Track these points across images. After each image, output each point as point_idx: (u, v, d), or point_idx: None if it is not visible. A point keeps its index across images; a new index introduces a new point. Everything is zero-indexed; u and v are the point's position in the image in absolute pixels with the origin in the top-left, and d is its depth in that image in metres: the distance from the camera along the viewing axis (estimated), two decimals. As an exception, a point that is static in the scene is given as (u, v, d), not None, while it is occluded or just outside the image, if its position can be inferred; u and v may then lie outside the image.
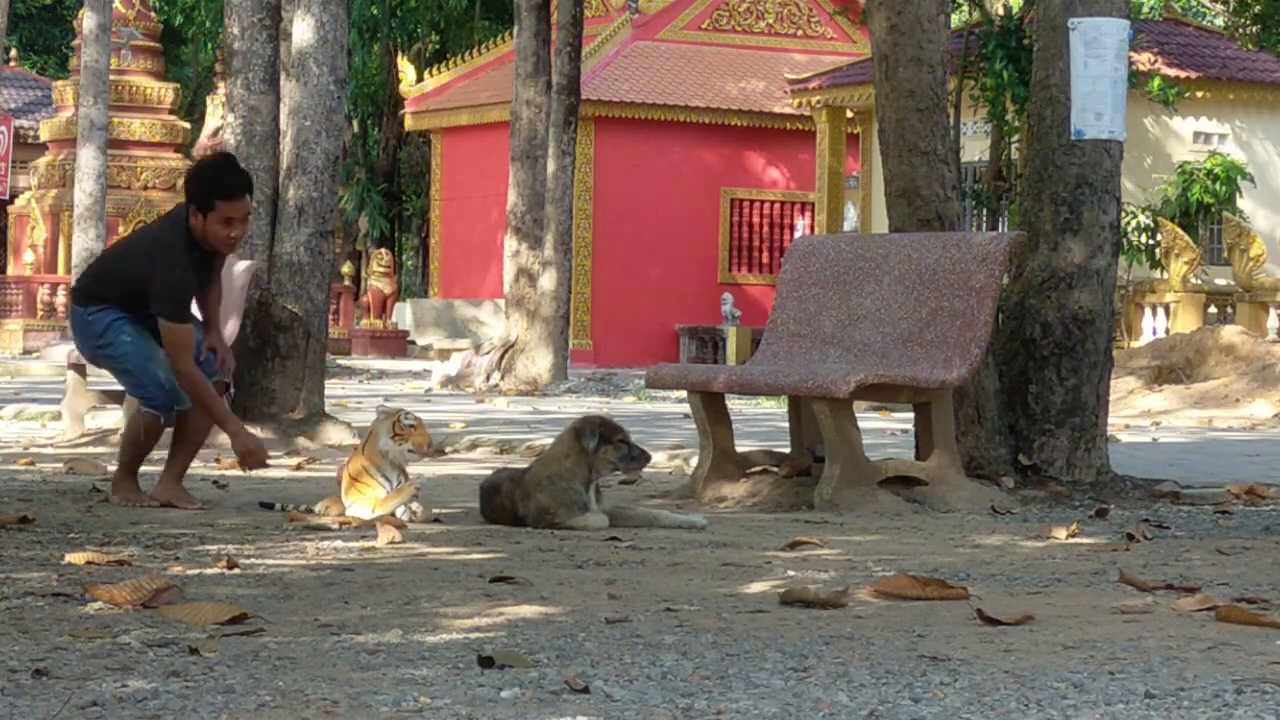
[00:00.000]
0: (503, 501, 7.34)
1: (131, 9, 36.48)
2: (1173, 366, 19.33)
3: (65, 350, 12.84)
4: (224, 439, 11.48)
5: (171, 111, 37.34)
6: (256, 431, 11.72)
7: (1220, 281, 26.98)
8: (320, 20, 12.02)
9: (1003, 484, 8.45)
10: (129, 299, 7.83)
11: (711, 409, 8.45)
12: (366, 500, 7.34)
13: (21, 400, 16.39)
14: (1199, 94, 28.09)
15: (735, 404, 12.49)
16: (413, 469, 7.75)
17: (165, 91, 37.32)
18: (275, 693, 3.77)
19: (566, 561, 6.09)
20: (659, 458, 10.82)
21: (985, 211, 27.46)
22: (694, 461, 9.18)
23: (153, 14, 37.96)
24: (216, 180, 7.74)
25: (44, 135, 37.75)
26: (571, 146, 22.01)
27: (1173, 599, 5.21)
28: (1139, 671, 4.07)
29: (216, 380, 7.98)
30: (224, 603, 4.89)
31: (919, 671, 4.06)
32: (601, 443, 7.24)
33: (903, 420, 13.46)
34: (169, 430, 8.00)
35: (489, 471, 7.66)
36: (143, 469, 8.05)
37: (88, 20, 25.87)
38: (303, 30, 12.03)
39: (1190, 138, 28.39)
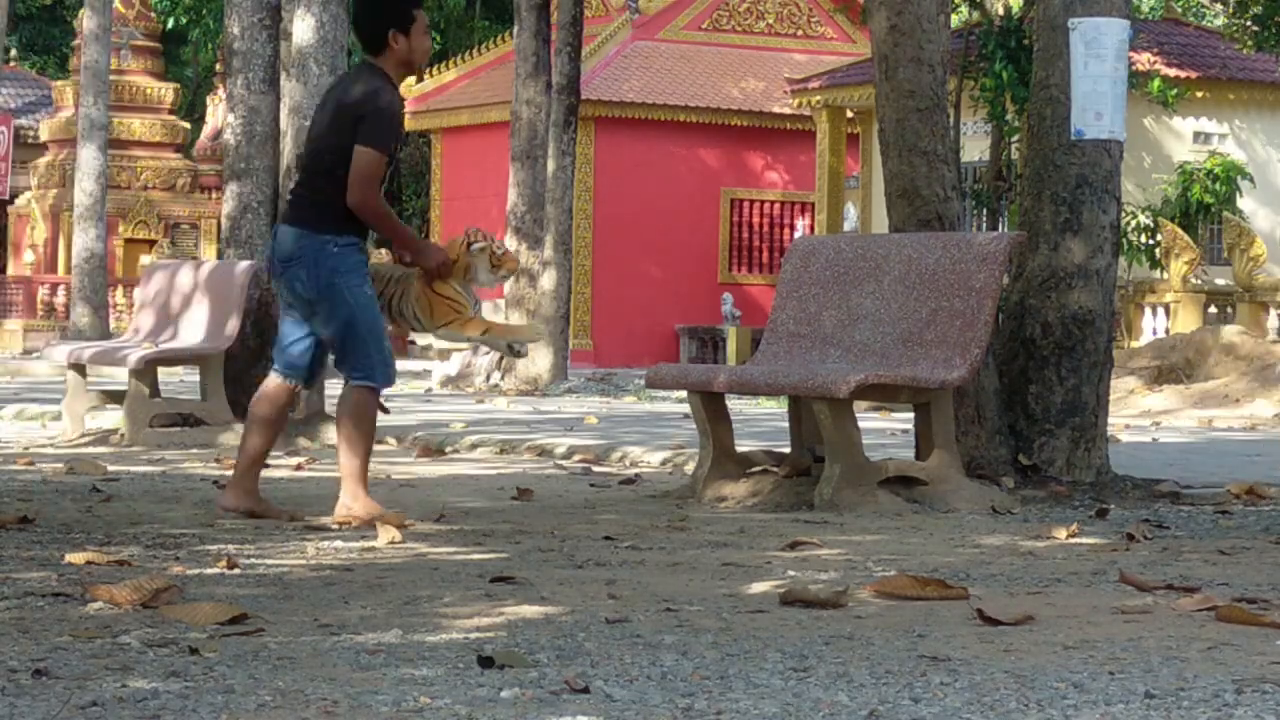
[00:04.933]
0: None
1: (131, 9, 36.47)
2: (1173, 366, 19.32)
3: (65, 350, 12.86)
4: (225, 439, 11.53)
5: (171, 111, 37.34)
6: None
7: (1220, 281, 26.95)
8: (320, 20, 12.02)
9: (1003, 484, 8.44)
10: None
11: (711, 409, 8.45)
12: (474, 326, 7.37)
13: (21, 400, 16.38)
14: (1199, 94, 28.07)
15: (735, 404, 12.48)
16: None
17: (165, 91, 37.33)
18: (275, 693, 3.77)
19: (566, 561, 6.09)
20: (659, 457, 10.82)
21: (985, 211, 27.42)
22: (694, 461, 9.18)
23: (153, 14, 37.95)
24: None
25: (44, 135, 37.74)
26: (571, 146, 22.00)
27: (1173, 599, 5.21)
28: (1139, 671, 4.07)
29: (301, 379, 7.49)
30: (224, 603, 4.89)
31: (919, 671, 4.06)
32: None
33: (903, 420, 13.45)
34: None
35: (490, 472, 7.67)
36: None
37: (88, 20, 25.89)
38: (303, 30, 12.04)
39: (1190, 138, 28.37)
